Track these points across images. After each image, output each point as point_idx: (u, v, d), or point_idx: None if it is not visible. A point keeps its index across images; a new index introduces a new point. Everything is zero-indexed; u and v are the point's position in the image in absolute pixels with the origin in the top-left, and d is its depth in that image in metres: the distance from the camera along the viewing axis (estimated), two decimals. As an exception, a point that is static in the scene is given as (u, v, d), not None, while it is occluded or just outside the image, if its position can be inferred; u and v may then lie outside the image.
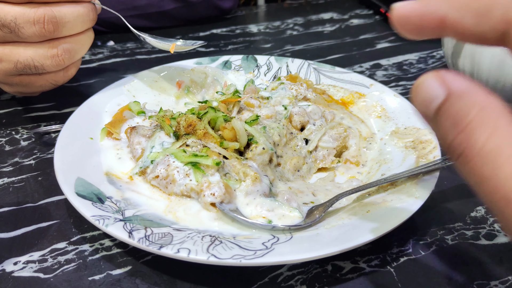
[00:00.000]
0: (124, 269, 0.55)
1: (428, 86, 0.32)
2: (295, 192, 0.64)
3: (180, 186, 0.62)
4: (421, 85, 0.32)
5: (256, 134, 0.68)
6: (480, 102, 0.30)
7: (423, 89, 0.32)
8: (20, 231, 0.61)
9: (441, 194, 0.69)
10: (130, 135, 0.70)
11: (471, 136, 0.30)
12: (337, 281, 0.54)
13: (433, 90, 0.31)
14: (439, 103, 0.31)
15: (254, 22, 1.47)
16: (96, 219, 0.53)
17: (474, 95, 0.30)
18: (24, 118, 0.88)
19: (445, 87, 0.31)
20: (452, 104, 0.31)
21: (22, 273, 0.55)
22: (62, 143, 0.67)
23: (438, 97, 0.31)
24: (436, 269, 0.56)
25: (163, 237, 0.52)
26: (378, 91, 0.85)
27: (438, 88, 0.31)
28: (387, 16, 1.45)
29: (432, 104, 0.31)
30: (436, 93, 0.31)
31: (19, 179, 0.71)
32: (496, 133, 0.29)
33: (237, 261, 0.48)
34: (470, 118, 0.30)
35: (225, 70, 0.94)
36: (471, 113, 0.30)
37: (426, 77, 0.32)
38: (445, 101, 0.31)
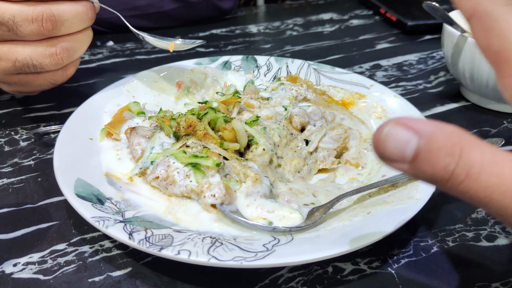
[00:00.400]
0: (124, 271, 0.55)
1: (397, 134, 0.33)
2: (295, 193, 0.64)
3: (180, 187, 0.61)
4: (388, 135, 0.33)
5: (257, 135, 0.67)
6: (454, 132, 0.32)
7: (392, 138, 0.33)
8: (20, 232, 0.61)
9: (441, 195, 0.69)
10: (130, 136, 0.70)
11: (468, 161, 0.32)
12: (338, 282, 0.54)
13: (403, 136, 0.32)
14: (415, 147, 0.32)
15: (254, 23, 1.47)
16: (96, 221, 0.53)
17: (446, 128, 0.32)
18: (23, 118, 0.88)
19: (412, 130, 0.32)
20: (433, 141, 0.32)
21: (22, 275, 0.54)
22: (62, 144, 0.67)
23: (412, 142, 0.32)
24: (437, 270, 0.56)
25: (164, 238, 0.51)
26: (378, 92, 0.85)
27: (407, 133, 0.32)
28: (387, 16, 1.45)
29: (407, 149, 0.32)
30: (407, 138, 0.32)
31: (18, 180, 0.71)
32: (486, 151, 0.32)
33: (238, 263, 0.48)
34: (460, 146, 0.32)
35: (225, 71, 0.94)
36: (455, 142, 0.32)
37: (388, 127, 0.33)
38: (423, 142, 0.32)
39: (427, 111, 0.93)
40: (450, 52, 0.92)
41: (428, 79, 1.07)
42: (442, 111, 0.93)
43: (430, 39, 1.31)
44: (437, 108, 0.94)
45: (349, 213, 0.59)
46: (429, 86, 1.04)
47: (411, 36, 1.34)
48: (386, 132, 0.33)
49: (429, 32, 1.34)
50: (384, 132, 0.33)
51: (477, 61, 0.85)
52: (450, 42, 0.91)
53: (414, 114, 0.77)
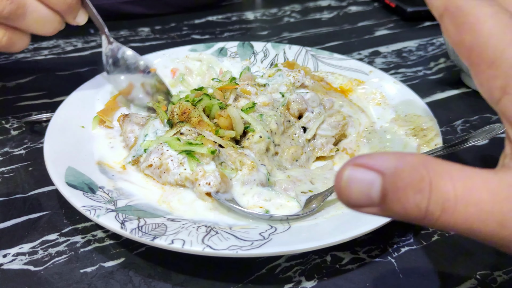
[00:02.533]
0: (117, 261, 0.54)
1: (358, 178, 0.30)
2: (293, 181, 0.62)
3: (174, 175, 0.60)
4: (349, 180, 0.30)
5: (253, 122, 0.66)
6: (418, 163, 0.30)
7: (354, 183, 0.30)
8: (10, 223, 0.59)
9: (442, 182, 0.67)
10: (123, 123, 0.68)
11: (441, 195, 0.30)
12: (337, 272, 0.53)
13: (365, 178, 0.30)
14: (380, 188, 0.30)
15: (250, 9, 1.44)
16: (87, 210, 0.51)
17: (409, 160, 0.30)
18: (14, 107, 0.85)
19: (373, 170, 0.30)
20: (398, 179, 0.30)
21: (12, 266, 0.53)
22: (53, 132, 0.65)
23: (375, 183, 0.30)
24: (438, 259, 0.55)
25: (157, 227, 0.50)
26: (377, 78, 0.83)
27: (369, 174, 0.30)
28: (386, 3, 1.42)
29: (372, 192, 0.30)
30: (370, 179, 0.30)
31: (9, 169, 0.69)
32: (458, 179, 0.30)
33: (234, 252, 0.46)
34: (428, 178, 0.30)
35: (221, 57, 0.92)
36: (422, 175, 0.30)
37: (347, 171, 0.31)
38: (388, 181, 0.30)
39: (427, 97, 0.91)
40: (450, 37, 0.90)
41: (428, 65, 1.05)
42: (443, 98, 0.92)
43: (430, 25, 1.29)
44: (437, 94, 0.93)
45: (348, 201, 0.57)
46: (429, 73, 1.02)
47: (411, 23, 1.31)
48: (346, 178, 0.30)
49: (429, 19, 1.32)
50: (344, 179, 0.30)
51: (479, 46, 0.83)
52: (451, 27, 0.89)
53: (415, 100, 0.75)
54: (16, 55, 1.07)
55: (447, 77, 1.00)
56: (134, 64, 0.76)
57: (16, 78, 0.95)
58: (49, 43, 1.14)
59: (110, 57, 0.75)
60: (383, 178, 0.30)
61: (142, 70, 0.77)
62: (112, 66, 0.76)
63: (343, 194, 0.31)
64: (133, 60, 0.76)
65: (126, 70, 0.76)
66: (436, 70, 1.03)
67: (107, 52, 0.75)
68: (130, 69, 0.76)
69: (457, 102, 0.90)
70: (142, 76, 0.76)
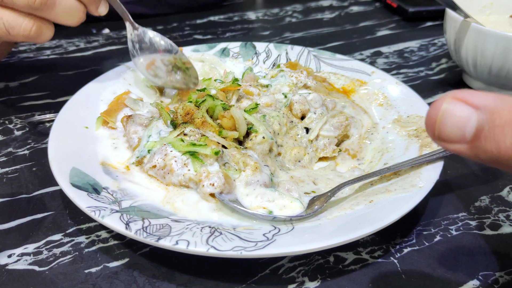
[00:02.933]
0: (121, 261, 0.54)
1: (455, 112, 0.30)
2: (296, 182, 0.63)
3: (178, 176, 0.60)
4: (446, 113, 0.30)
5: (256, 123, 0.66)
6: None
7: (450, 117, 0.30)
8: (14, 223, 0.60)
9: (445, 183, 0.68)
10: (126, 124, 0.68)
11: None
12: (340, 272, 0.53)
13: (463, 113, 0.30)
14: (476, 124, 0.29)
15: (252, 9, 1.44)
16: (92, 210, 0.51)
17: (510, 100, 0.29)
18: (17, 107, 0.86)
19: (472, 106, 0.29)
20: (497, 116, 0.29)
21: (17, 266, 0.53)
22: (57, 133, 0.65)
23: (472, 119, 0.29)
24: (440, 260, 0.55)
25: (161, 228, 0.50)
26: (379, 79, 0.83)
27: (467, 109, 0.30)
28: (387, 3, 1.42)
29: (467, 128, 0.30)
30: (467, 115, 0.30)
31: (13, 170, 0.69)
32: None
33: (238, 253, 0.47)
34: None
35: (223, 58, 0.92)
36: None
37: (446, 103, 0.30)
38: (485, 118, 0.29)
39: (429, 98, 0.91)
40: (452, 38, 0.90)
41: (430, 66, 1.06)
42: (444, 99, 0.92)
43: (432, 25, 1.29)
44: (439, 95, 0.93)
45: (350, 202, 0.58)
46: (430, 73, 1.02)
47: (412, 23, 1.31)
48: (443, 110, 0.30)
49: (430, 19, 1.32)
50: (441, 111, 0.30)
51: (480, 47, 0.83)
52: (452, 28, 0.89)
53: (417, 100, 0.75)
54: (18, 55, 1.07)
55: (449, 78, 1.00)
56: (160, 45, 0.78)
57: (19, 78, 0.96)
58: (52, 43, 1.14)
59: (136, 42, 0.77)
60: (481, 114, 0.29)
61: (169, 49, 0.78)
62: (139, 50, 0.77)
63: (435, 128, 0.30)
64: (160, 41, 0.78)
65: (153, 51, 0.78)
66: (438, 70, 1.04)
67: (133, 38, 0.77)
68: (157, 50, 0.78)
69: (459, 103, 0.90)
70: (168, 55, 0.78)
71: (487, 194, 0.66)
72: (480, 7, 1.01)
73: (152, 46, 0.78)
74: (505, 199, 0.65)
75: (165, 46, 0.78)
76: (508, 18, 1.01)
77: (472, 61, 0.87)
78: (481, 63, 0.85)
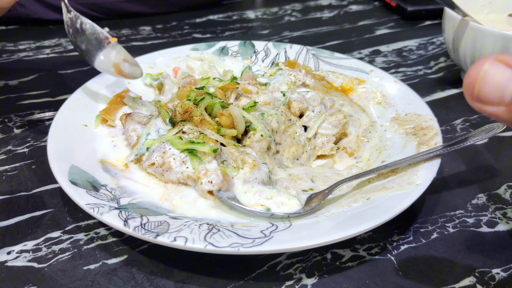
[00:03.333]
0: (120, 258, 0.54)
1: (496, 73, 0.30)
2: (294, 179, 0.63)
3: (176, 174, 0.60)
4: (486, 74, 0.30)
5: (254, 121, 0.66)
6: None
7: (491, 77, 0.30)
8: (14, 220, 0.60)
9: (442, 181, 0.68)
10: (125, 122, 0.69)
11: None
12: (337, 269, 0.53)
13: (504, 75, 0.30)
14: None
15: (251, 8, 1.45)
16: (91, 208, 0.52)
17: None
18: (17, 105, 0.86)
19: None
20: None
21: (16, 263, 0.54)
22: (56, 131, 0.65)
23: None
24: (437, 257, 0.55)
25: (159, 225, 0.50)
26: (378, 77, 0.84)
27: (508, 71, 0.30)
28: (386, 2, 1.42)
29: (507, 89, 0.30)
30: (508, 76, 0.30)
31: (12, 167, 0.70)
32: None
33: (235, 250, 0.47)
34: None
35: (222, 56, 0.93)
36: None
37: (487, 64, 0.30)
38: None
39: (427, 96, 0.92)
40: (451, 37, 0.90)
41: (428, 64, 1.06)
42: (443, 97, 0.92)
43: (430, 24, 1.30)
44: (437, 93, 0.93)
45: (348, 199, 0.58)
46: (429, 72, 1.02)
47: (411, 22, 1.32)
48: (484, 71, 0.30)
49: (429, 18, 1.32)
50: (482, 71, 0.30)
51: (479, 45, 0.83)
52: (451, 27, 0.90)
53: (415, 99, 0.76)
54: (18, 54, 1.07)
55: (447, 76, 1.01)
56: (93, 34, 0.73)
57: (18, 77, 0.96)
58: (51, 41, 1.15)
59: (70, 26, 0.73)
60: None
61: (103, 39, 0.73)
62: (73, 35, 0.73)
63: (474, 88, 0.31)
64: (92, 31, 0.73)
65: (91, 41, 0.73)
66: (436, 69, 1.04)
67: (67, 21, 0.73)
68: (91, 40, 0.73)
69: (457, 101, 0.91)
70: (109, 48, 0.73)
71: (484, 192, 0.66)
72: (478, 6, 1.02)
73: (84, 35, 0.73)
74: (502, 197, 0.65)
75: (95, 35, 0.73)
76: (506, 17, 1.01)
77: (470, 60, 0.87)
78: (479, 62, 0.85)
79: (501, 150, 0.75)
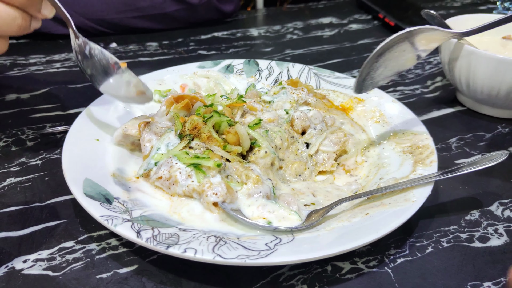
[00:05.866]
0: (130, 268, 0.57)
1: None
2: (296, 194, 0.66)
3: (182, 187, 0.63)
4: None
5: (259, 138, 0.69)
6: None
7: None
8: (28, 230, 0.63)
9: (437, 198, 0.71)
10: (143, 131, 0.71)
11: None
12: (337, 281, 0.56)
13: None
14: None
15: (254, 26, 1.49)
16: (105, 219, 0.55)
17: None
18: (29, 118, 0.89)
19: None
20: None
21: (32, 271, 0.56)
22: (69, 145, 0.68)
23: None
24: (432, 270, 0.58)
25: (170, 237, 0.53)
26: (376, 97, 0.87)
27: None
28: (385, 21, 1.47)
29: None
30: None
31: (26, 179, 0.73)
32: None
33: (242, 261, 0.50)
34: None
35: (227, 74, 0.96)
36: None
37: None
38: None
39: (424, 115, 0.95)
40: (446, 59, 0.94)
41: (425, 84, 1.10)
42: (439, 116, 0.96)
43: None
44: (434, 112, 0.97)
45: (348, 214, 0.61)
46: (426, 91, 1.06)
47: (409, 41, 1.36)
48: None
49: (426, 38, 1.36)
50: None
51: (473, 68, 0.87)
52: (447, 49, 0.94)
53: (412, 118, 0.79)
54: (29, 68, 1.11)
55: (443, 95, 1.04)
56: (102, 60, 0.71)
57: (29, 91, 1.00)
58: (61, 56, 1.18)
59: (78, 52, 0.72)
60: None
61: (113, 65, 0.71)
62: (83, 62, 0.72)
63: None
64: (101, 56, 0.71)
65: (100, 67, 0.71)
66: (433, 88, 1.08)
67: (75, 47, 0.72)
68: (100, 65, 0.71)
69: (452, 120, 0.94)
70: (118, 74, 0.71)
71: (477, 208, 0.69)
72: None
73: (92, 59, 0.71)
74: (494, 213, 0.68)
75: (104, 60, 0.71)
76: (500, 39, 1.05)
77: (465, 81, 0.91)
78: (474, 83, 0.89)
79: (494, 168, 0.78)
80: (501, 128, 0.91)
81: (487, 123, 0.93)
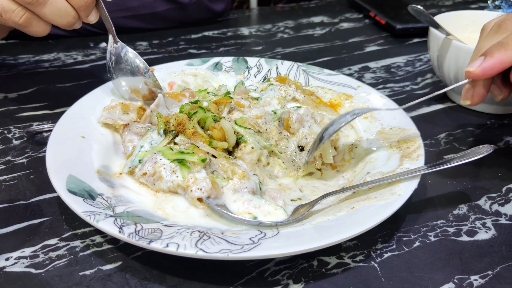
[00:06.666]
0: (114, 264, 0.57)
1: None
2: (283, 189, 0.66)
3: (167, 183, 0.63)
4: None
5: (245, 134, 0.69)
6: None
7: None
8: (12, 228, 0.62)
9: (425, 192, 0.71)
10: (123, 133, 0.71)
11: None
12: (323, 275, 0.56)
13: None
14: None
15: (245, 25, 1.49)
16: (87, 215, 0.54)
17: None
18: (16, 117, 0.89)
19: None
20: None
21: (14, 268, 0.56)
22: (54, 142, 0.68)
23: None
24: (419, 264, 0.58)
25: (153, 232, 0.53)
26: (365, 93, 0.87)
27: None
28: (376, 20, 1.47)
29: None
30: None
31: (11, 177, 0.72)
32: None
33: (225, 255, 0.49)
34: None
35: (216, 72, 0.96)
36: None
37: None
38: None
39: (413, 112, 0.95)
40: (435, 55, 0.94)
41: (415, 80, 1.10)
42: (428, 112, 0.96)
43: (418, 42, 1.34)
44: (423, 109, 0.97)
45: (333, 209, 0.61)
46: (415, 88, 1.06)
47: (400, 39, 1.36)
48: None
49: (417, 35, 1.37)
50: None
51: (461, 63, 0.87)
52: (435, 45, 0.94)
53: (400, 113, 0.79)
54: (17, 67, 1.10)
55: (433, 92, 1.04)
56: (133, 63, 0.82)
57: (18, 89, 0.99)
58: (50, 56, 1.18)
59: (113, 54, 0.82)
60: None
61: (141, 71, 0.82)
62: (114, 63, 0.82)
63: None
64: (133, 60, 0.82)
65: (128, 70, 0.82)
66: (422, 85, 1.08)
67: (111, 50, 0.82)
68: (130, 68, 0.82)
69: (442, 116, 0.94)
70: (142, 78, 0.82)
71: (465, 202, 0.69)
72: (462, 25, 1.06)
73: (126, 62, 0.82)
74: (482, 207, 0.68)
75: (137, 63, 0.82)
76: (489, 36, 1.05)
77: (453, 77, 0.91)
78: (462, 79, 0.89)
79: (482, 163, 0.78)
80: (490, 124, 0.91)
81: (476, 119, 0.93)
